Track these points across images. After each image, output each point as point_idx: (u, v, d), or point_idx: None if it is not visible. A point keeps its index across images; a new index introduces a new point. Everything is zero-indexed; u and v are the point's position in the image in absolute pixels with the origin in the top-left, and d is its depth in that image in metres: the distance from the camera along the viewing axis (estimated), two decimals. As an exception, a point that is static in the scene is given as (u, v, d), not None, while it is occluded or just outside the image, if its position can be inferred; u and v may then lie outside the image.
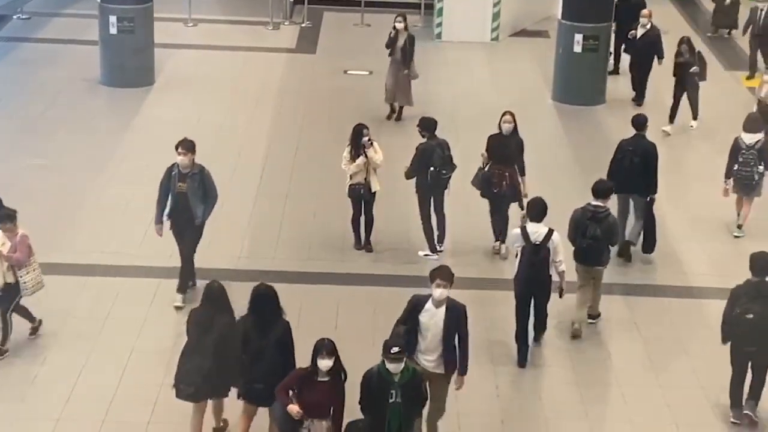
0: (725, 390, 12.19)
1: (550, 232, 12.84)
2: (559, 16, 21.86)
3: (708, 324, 13.69)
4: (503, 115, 15.48)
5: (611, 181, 14.39)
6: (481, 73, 23.55)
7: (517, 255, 13.12)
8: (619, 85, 22.33)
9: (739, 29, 25.09)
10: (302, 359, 10.57)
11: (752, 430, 12.00)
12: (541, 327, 13.41)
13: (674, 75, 20.22)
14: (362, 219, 15.59)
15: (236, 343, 10.74)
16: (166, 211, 13.92)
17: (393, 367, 10.16)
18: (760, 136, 16.23)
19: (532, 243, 12.81)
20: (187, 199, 13.73)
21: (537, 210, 12.99)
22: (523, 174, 15.52)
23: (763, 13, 22.83)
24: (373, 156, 15.16)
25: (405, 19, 20.31)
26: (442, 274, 11.07)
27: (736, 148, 16.26)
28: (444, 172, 15.32)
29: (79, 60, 22.72)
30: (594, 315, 14.01)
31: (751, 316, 11.63)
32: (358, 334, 13.46)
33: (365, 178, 15.24)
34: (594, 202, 13.66)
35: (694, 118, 20.37)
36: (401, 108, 20.43)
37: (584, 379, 12.91)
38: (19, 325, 13.03)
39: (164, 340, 13.10)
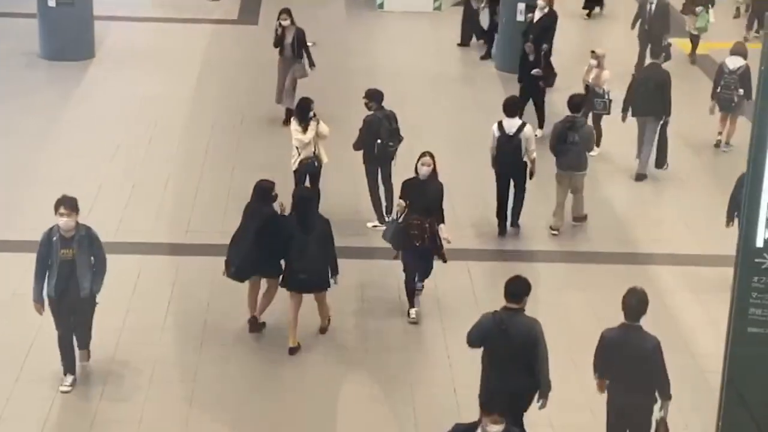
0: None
1: (523, 124, 15.03)
2: (502, -15, 21.85)
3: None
4: (421, 156, 13.29)
5: (628, 105, 17.31)
6: (425, 42, 23.55)
7: (492, 147, 15.12)
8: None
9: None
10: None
11: None
12: (517, 212, 15.44)
13: (519, 81, 19.06)
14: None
15: (277, 232, 12.39)
16: (47, 285, 11.53)
17: None
18: (742, 62, 17.94)
19: (507, 134, 14.88)
20: (73, 268, 11.41)
21: (511, 107, 15.12)
22: (442, 221, 13.38)
23: (653, 7, 21.42)
24: (322, 128, 15.11)
25: (290, 15, 18.95)
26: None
27: (720, 72, 18.14)
28: (391, 144, 15.33)
29: (18, 33, 22.44)
30: (580, 217, 15.72)
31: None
32: (310, 306, 13.47)
33: (314, 152, 15.17)
34: (571, 114, 15.41)
35: (540, 126, 18.59)
36: (289, 110, 18.22)
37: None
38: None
39: (115, 316, 13.01)
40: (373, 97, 15.49)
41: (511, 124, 15.03)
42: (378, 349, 12.80)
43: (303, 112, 15.11)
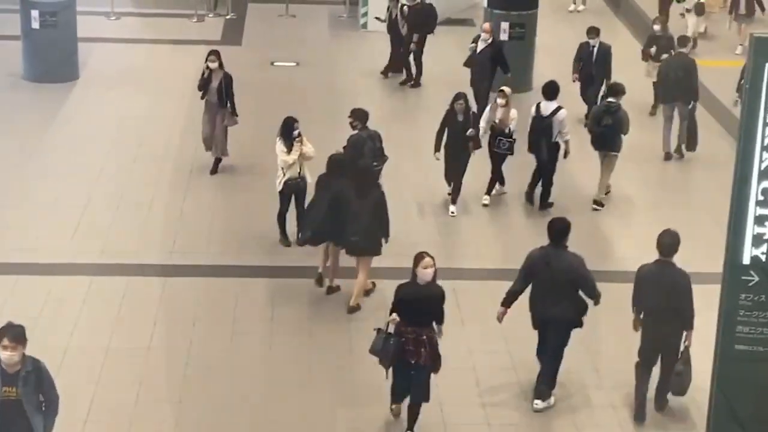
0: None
1: (558, 108, 16.41)
2: (485, 5, 21.93)
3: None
4: (420, 258, 11.35)
5: (659, 93, 19.40)
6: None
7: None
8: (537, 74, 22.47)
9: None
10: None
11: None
12: (545, 193, 16.77)
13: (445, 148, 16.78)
14: (288, 215, 15.43)
15: (347, 203, 13.54)
16: None
17: None
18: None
19: (541, 115, 16.40)
20: (18, 409, 9.51)
21: (551, 90, 16.57)
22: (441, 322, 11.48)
23: (595, 50, 19.86)
24: (307, 149, 15.08)
25: (219, 57, 17.40)
26: None
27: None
28: (375, 164, 15.32)
29: (1, 55, 22.36)
30: (599, 200, 17.03)
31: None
32: (294, 326, 13.45)
33: (299, 172, 15.13)
34: (609, 99, 16.97)
35: (453, 202, 16.76)
36: (218, 160, 17.65)
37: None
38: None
39: (97, 339, 12.96)
40: (359, 116, 15.52)
41: (548, 107, 16.52)
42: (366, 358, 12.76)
43: (288, 132, 15.08)
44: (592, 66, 19.81)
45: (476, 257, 15.49)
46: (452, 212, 16.48)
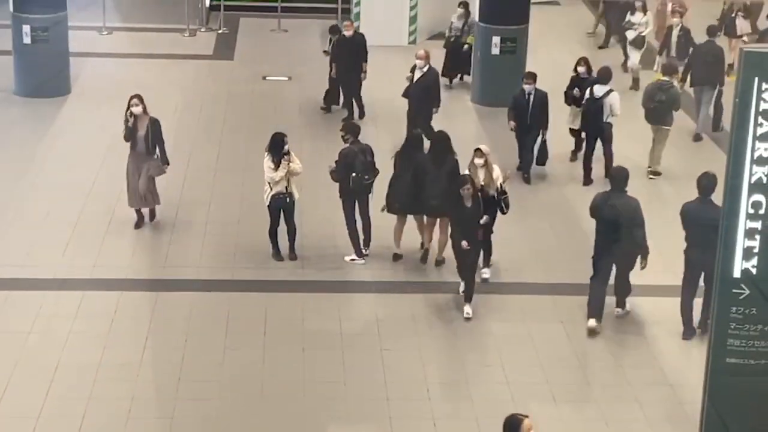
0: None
1: (610, 90, 18.03)
2: (477, 19, 21.99)
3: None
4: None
5: (687, 75, 20.32)
6: (400, 76, 23.55)
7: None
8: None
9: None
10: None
11: None
12: (607, 164, 17.86)
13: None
14: (280, 229, 15.45)
15: (427, 173, 14.98)
16: None
17: None
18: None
19: (594, 96, 17.97)
20: None
21: (604, 75, 18.18)
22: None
23: (531, 98, 18.12)
24: (294, 166, 15.10)
25: (142, 101, 15.91)
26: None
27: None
28: (366, 177, 15.35)
29: (-7, 70, 22.37)
30: (655, 171, 18.50)
31: None
32: (287, 341, 13.43)
33: (286, 188, 15.14)
34: (662, 78, 18.69)
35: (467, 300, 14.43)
36: (152, 211, 16.28)
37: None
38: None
39: (90, 354, 12.94)
40: (350, 130, 15.54)
41: (601, 89, 18.04)
42: (358, 384, 12.76)
43: (277, 148, 15.07)
44: (527, 114, 18.12)
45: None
46: (467, 314, 14.08)
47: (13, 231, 15.94)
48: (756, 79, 9.45)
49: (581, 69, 18.97)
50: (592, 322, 13.78)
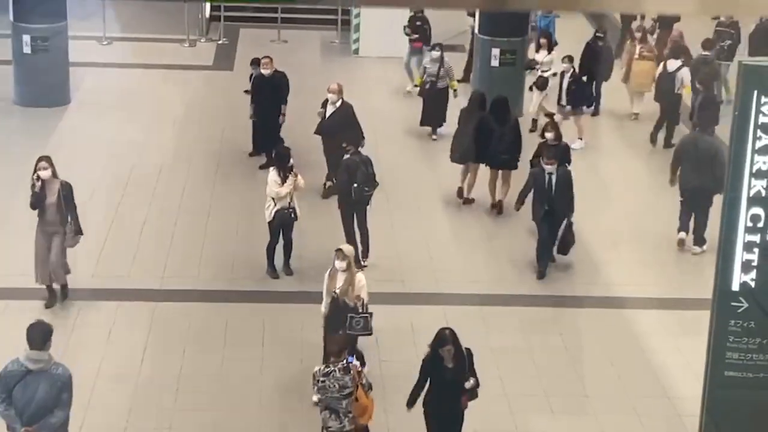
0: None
1: (682, 65, 20.20)
2: (476, 31, 22.01)
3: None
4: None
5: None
6: (399, 87, 23.61)
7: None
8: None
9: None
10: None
11: None
12: (669, 134, 20.08)
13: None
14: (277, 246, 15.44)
15: (491, 130, 16.94)
16: None
17: None
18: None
19: (667, 71, 20.13)
20: None
21: (677, 50, 20.74)
22: None
23: (553, 178, 15.39)
24: (300, 181, 15.08)
25: (51, 164, 14.09)
26: None
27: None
28: (366, 188, 15.37)
29: (-8, 80, 22.38)
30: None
31: None
32: (285, 352, 13.43)
33: (289, 203, 15.11)
34: (703, 53, 20.85)
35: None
36: (63, 287, 14.40)
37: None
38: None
39: (87, 364, 12.92)
40: (352, 140, 15.57)
41: (673, 64, 20.26)
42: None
43: (283, 163, 15.04)
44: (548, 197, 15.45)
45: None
46: None
47: (11, 240, 15.93)
48: (755, 92, 9.48)
49: (549, 135, 16.43)
50: (683, 234, 16.09)
